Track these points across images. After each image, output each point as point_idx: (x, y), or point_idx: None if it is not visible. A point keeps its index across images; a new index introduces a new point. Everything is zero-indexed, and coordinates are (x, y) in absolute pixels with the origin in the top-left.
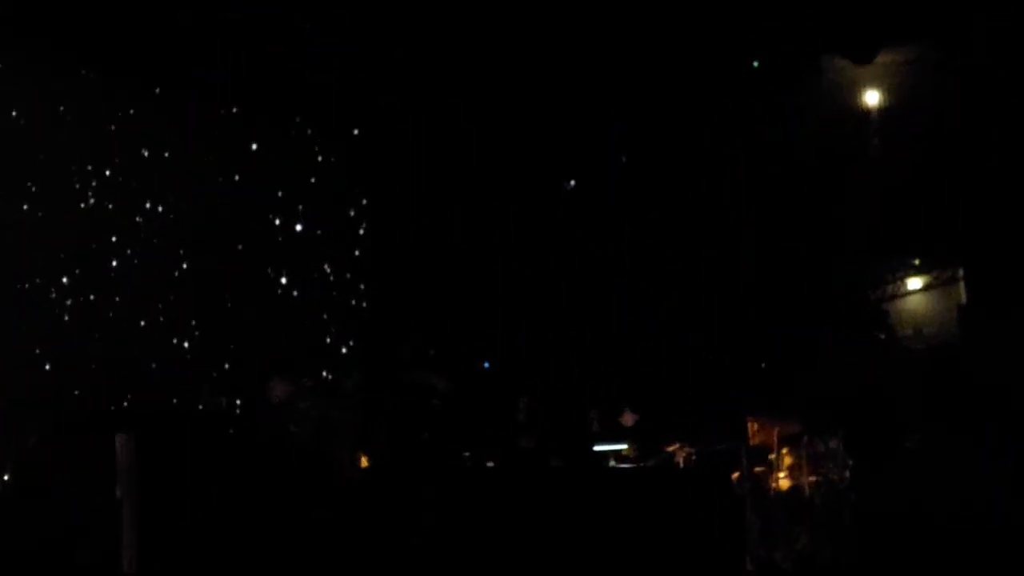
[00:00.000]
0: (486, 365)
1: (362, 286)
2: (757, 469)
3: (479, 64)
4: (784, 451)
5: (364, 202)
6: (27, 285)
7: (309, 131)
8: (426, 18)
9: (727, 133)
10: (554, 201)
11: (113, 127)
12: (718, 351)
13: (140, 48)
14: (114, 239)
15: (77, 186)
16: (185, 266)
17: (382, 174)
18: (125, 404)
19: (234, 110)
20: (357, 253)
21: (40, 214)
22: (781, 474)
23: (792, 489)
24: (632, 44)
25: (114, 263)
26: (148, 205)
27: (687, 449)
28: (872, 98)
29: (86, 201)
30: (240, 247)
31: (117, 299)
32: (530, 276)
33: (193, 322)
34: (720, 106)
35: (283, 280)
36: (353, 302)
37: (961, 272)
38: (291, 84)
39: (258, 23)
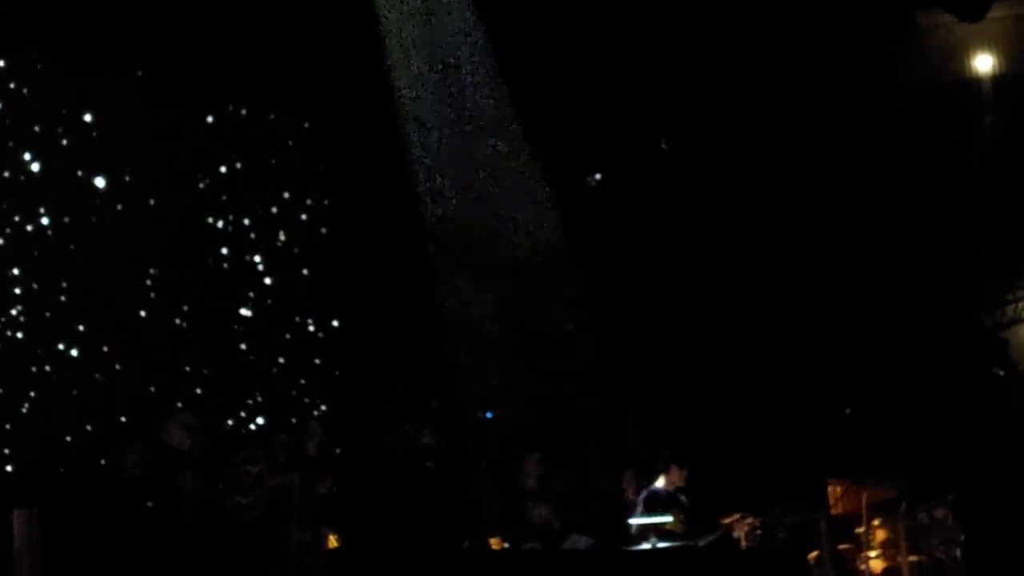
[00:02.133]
0: (488, 415)
1: (326, 309)
2: (841, 547)
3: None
4: (876, 523)
5: (324, 198)
6: None
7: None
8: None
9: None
10: (561, 201)
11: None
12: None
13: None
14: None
15: None
16: (97, 273)
17: (360, 168)
18: (24, 471)
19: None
20: (321, 267)
21: None
22: (872, 553)
23: (887, 572)
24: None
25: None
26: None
27: (750, 521)
28: (984, 64)
29: None
30: (168, 253)
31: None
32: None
33: (116, 364)
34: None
35: (222, 306)
36: (316, 331)
37: None
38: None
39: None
